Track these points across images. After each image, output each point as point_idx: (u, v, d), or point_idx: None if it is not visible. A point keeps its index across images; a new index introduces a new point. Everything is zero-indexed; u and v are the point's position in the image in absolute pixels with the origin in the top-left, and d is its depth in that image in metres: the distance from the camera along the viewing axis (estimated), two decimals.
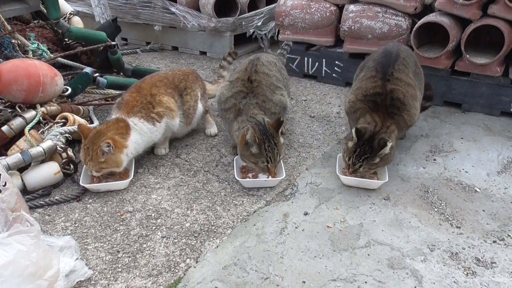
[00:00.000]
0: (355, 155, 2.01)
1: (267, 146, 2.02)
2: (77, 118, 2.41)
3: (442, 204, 1.99)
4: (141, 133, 2.16)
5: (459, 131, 2.69)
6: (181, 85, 2.43)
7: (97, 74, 2.93)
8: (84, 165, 2.06)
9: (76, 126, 2.31)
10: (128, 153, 2.09)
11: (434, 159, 2.37)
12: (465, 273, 1.59)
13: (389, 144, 1.95)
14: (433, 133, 2.67)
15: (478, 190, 2.10)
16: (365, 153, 1.99)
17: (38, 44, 2.89)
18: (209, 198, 2.04)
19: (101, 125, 2.15)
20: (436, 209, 1.95)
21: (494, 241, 1.76)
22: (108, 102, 2.88)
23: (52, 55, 2.95)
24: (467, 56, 2.78)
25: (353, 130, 2.01)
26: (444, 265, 1.63)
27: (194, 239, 1.77)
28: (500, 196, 2.05)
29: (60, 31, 3.18)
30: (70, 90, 2.66)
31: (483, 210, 1.95)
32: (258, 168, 2.09)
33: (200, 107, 2.54)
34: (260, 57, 2.42)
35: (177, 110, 2.32)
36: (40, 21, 3.33)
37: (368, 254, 1.68)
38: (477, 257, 1.67)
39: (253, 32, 4.20)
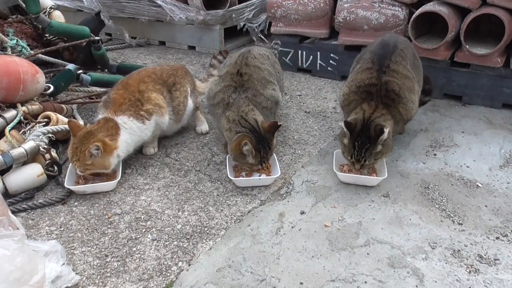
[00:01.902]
0: (356, 151, 2.02)
1: (263, 154, 2.06)
2: (60, 117, 2.41)
3: (443, 200, 2.01)
4: (131, 132, 2.16)
5: (460, 125, 2.72)
6: (170, 80, 2.44)
7: (80, 71, 2.93)
8: (70, 163, 2.07)
9: (59, 126, 2.32)
10: (119, 153, 2.10)
11: (434, 154, 2.40)
12: (468, 270, 1.62)
13: (386, 129, 1.95)
14: (432, 127, 2.70)
15: (480, 185, 2.13)
16: (365, 145, 2.00)
17: (17, 40, 2.87)
18: (201, 199, 2.05)
19: (91, 126, 2.14)
20: (437, 206, 1.98)
21: (497, 237, 1.78)
22: (92, 100, 2.88)
23: (32, 52, 2.94)
24: (467, 46, 2.81)
25: (343, 124, 2.02)
26: (446, 263, 1.65)
27: (186, 241, 1.78)
28: (502, 191, 2.08)
29: (40, 26, 3.17)
30: (52, 88, 2.65)
31: (486, 206, 1.98)
32: (251, 170, 2.14)
33: (190, 103, 2.54)
34: (252, 50, 2.43)
35: (166, 107, 2.33)
36: (18, 16, 3.31)
37: (368, 253, 1.70)
38: (480, 254, 1.70)
39: (244, 25, 4.21)
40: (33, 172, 2.09)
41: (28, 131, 2.25)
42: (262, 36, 4.28)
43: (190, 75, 2.66)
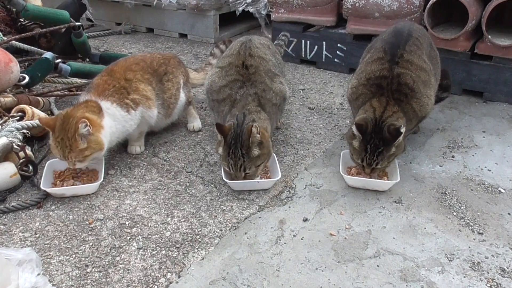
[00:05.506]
0: (368, 154, 2.02)
1: (232, 152, 2.04)
2: (36, 111, 2.40)
3: (462, 207, 2.02)
4: (114, 119, 2.15)
5: (481, 124, 2.74)
6: (161, 69, 2.44)
7: (59, 60, 2.92)
8: (64, 161, 2.04)
9: (36, 121, 2.31)
10: (105, 135, 2.08)
11: (452, 156, 2.41)
12: (489, 285, 1.62)
13: (402, 129, 1.97)
14: (450, 126, 2.72)
15: (502, 190, 2.14)
16: (378, 147, 2.01)
17: None
18: (193, 203, 2.06)
19: (65, 110, 2.11)
20: (455, 213, 1.99)
21: None
22: (72, 93, 2.88)
23: (5, 38, 2.93)
24: (489, 37, 2.82)
25: (354, 127, 2.03)
26: (464, 277, 1.66)
27: (175, 250, 1.78)
28: None
29: (14, 9, 3.17)
30: (27, 78, 2.65)
31: (509, 214, 1.99)
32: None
33: (182, 96, 2.55)
34: (252, 39, 2.44)
35: (155, 100, 2.33)
36: None
37: (378, 265, 1.71)
38: (502, 267, 1.70)
39: (242, 10, 4.20)
40: (5, 172, 2.08)
41: (0, 126, 2.25)
42: (268, 21, 4.27)
43: (183, 66, 2.67)
